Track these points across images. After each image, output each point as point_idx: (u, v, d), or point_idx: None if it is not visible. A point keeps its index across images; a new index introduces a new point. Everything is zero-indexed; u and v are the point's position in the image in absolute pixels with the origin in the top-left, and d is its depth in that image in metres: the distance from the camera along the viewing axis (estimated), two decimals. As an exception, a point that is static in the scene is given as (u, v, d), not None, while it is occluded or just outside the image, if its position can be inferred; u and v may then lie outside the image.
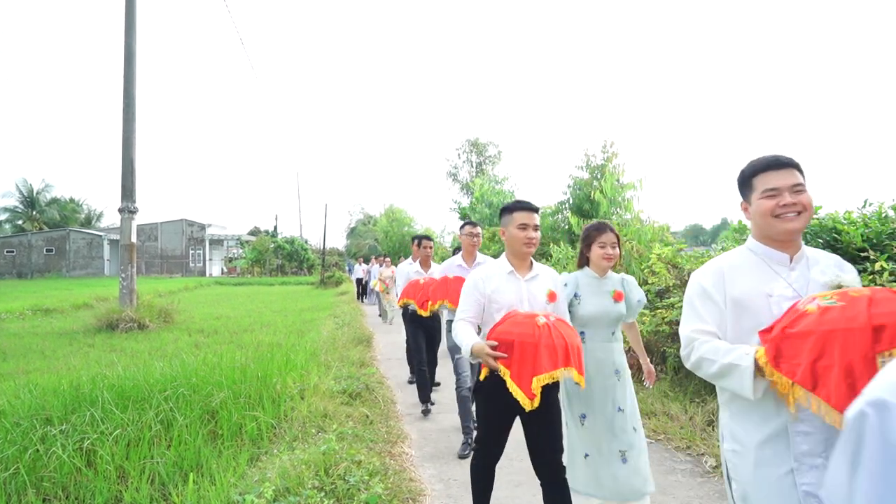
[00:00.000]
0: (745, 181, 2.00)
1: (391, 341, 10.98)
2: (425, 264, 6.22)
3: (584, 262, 3.39)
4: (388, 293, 13.41)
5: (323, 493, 3.36)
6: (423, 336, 6.03)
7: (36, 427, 4.13)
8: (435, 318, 6.02)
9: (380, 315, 15.28)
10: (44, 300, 17.99)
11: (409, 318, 6.10)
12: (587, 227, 3.40)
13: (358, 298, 22.06)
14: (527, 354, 2.51)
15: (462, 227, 5.25)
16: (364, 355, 8.73)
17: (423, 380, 5.91)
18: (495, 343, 2.57)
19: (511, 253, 2.98)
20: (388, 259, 17.49)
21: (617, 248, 3.27)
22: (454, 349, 4.83)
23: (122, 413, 4.41)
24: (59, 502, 3.40)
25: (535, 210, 2.98)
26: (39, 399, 4.80)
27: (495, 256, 11.71)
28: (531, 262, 3.02)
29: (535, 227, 2.94)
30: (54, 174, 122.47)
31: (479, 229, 5.11)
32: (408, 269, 6.46)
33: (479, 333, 2.93)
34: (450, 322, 4.66)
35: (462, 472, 4.25)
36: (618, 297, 3.29)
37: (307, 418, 4.84)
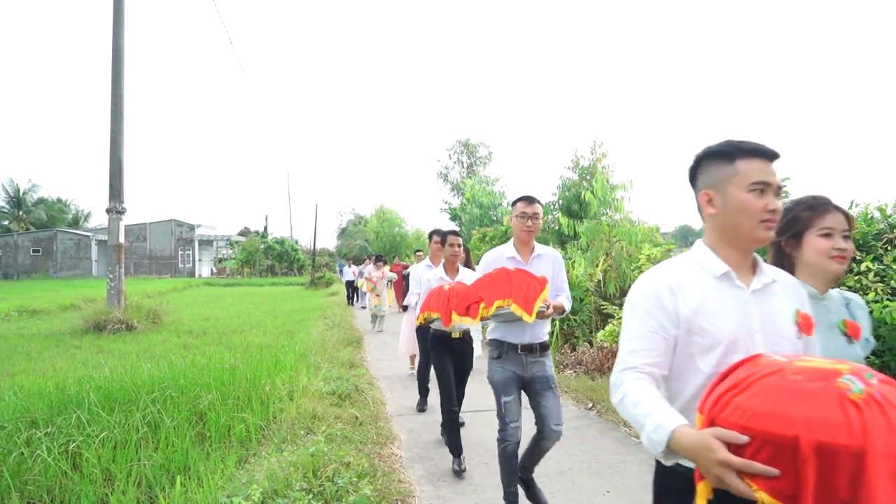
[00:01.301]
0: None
1: (382, 342, 10.95)
2: (451, 268, 4.91)
3: (784, 263, 1.92)
4: (377, 294, 12.43)
5: (311, 495, 3.34)
6: (452, 362, 4.53)
7: (21, 430, 4.09)
8: (467, 338, 4.66)
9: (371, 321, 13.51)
10: (30, 301, 17.81)
11: (434, 338, 4.58)
12: (796, 204, 1.94)
13: (349, 302, 20.50)
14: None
15: (447, 234, 4.88)
16: (354, 356, 8.70)
17: (455, 425, 4.37)
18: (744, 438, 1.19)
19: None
20: (374, 259, 14.38)
21: (851, 242, 1.87)
22: (499, 386, 3.42)
23: (109, 415, 4.37)
24: (43, 506, 3.35)
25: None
26: (24, 401, 4.75)
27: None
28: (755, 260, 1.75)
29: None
30: (41, 174, 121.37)
31: (459, 239, 4.80)
32: (427, 275, 5.16)
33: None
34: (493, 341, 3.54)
35: (450, 473, 4.24)
36: (853, 332, 1.89)
37: (296, 420, 4.82)
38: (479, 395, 6.13)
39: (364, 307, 18.13)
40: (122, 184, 12.14)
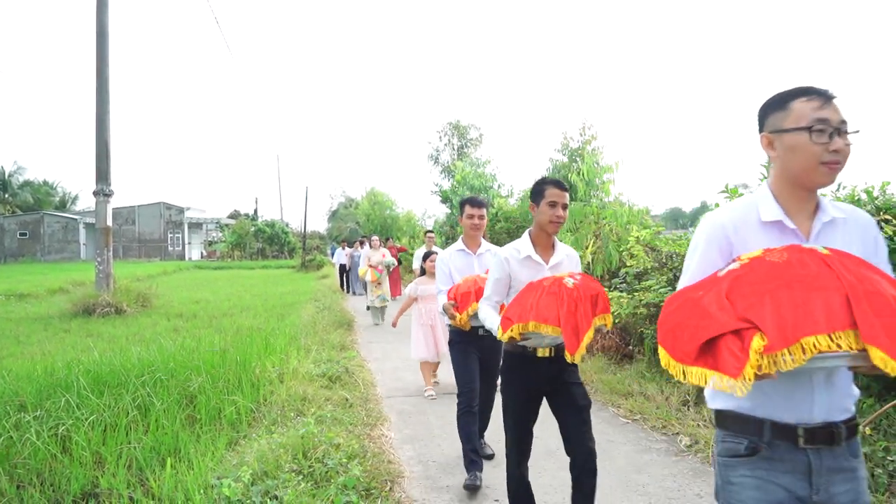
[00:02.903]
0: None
1: (375, 324, 10.97)
2: (472, 242, 4.10)
3: None
4: (380, 284, 11.19)
5: (301, 476, 3.37)
6: (477, 359, 3.92)
7: (9, 413, 4.08)
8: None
9: (368, 308, 12.15)
10: (17, 285, 17.67)
11: (455, 332, 3.91)
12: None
13: (347, 290, 18.84)
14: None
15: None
16: (345, 339, 8.74)
17: (471, 426, 3.80)
18: None
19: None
20: (374, 239, 12.69)
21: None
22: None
23: (99, 398, 4.37)
24: (33, 489, 3.36)
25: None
26: (13, 385, 4.73)
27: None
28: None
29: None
30: (27, 156, 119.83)
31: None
32: (460, 262, 4.05)
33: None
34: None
35: (441, 454, 4.29)
36: None
37: (286, 402, 4.84)
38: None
39: (357, 293, 17.08)
40: (108, 166, 12.00)
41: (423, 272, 6.32)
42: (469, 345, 3.88)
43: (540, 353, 2.75)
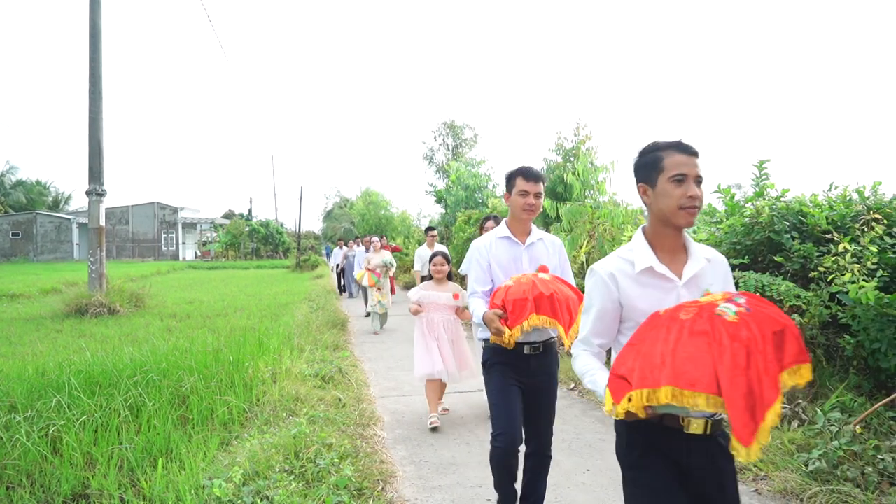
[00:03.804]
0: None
1: (368, 327, 10.96)
2: (521, 227, 3.08)
3: None
4: (380, 289, 10.28)
5: (292, 477, 3.36)
6: (520, 391, 2.93)
7: (-1, 414, 4.06)
8: (548, 355, 3.01)
9: (367, 315, 11.52)
10: (10, 285, 17.57)
11: (492, 350, 2.96)
12: None
13: (348, 293, 17.43)
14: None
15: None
16: (338, 339, 8.73)
17: (508, 482, 2.94)
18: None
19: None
20: (375, 240, 11.32)
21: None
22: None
23: (90, 399, 4.36)
24: (23, 490, 3.34)
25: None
26: (3, 386, 4.72)
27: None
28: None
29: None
30: (20, 156, 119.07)
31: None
32: (503, 253, 3.06)
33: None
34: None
35: (433, 453, 4.29)
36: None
37: (279, 402, 4.83)
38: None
39: (353, 295, 16.10)
40: (101, 166, 11.95)
41: (429, 276, 5.47)
42: (509, 368, 2.90)
43: (692, 429, 1.71)
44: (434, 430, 4.80)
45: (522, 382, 2.93)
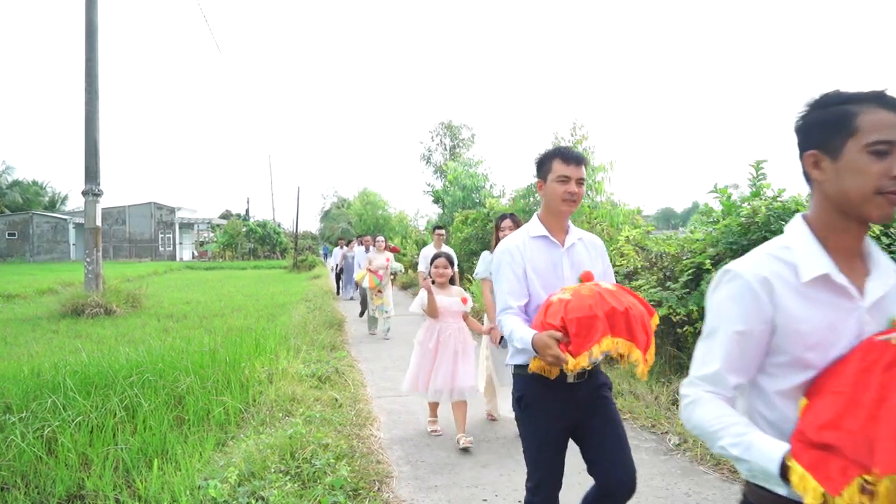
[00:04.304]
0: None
1: (365, 329, 10.95)
2: (559, 223, 2.46)
3: None
4: (380, 292, 9.64)
5: (288, 477, 3.36)
6: (566, 434, 2.38)
7: (-6, 415, 4.04)
8: (597, 377, 2.39)
9: (361, 314, 11.41)
10: (6, 286, 17.51)
11: (528, 382, 2.32)
12: None
13: (337, 292, 17.22)
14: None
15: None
16: (335, 339, 8.72)
17: None
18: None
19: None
20: (380, 240, 10.42)
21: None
22: None
23: (86, 399, 4.35)
24: (17, 491, 3.33)
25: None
26: (-1, 386, 4.69)
27: (468, 240, 10.90)
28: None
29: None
30: (16, 156, 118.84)
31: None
32: (539, 256, 2.42)
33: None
34: None
35: (430, 454, 4.28)
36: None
37: (275, 402, 4.82)
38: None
39: (351, 298, 15.19)
40: (98, 165, 11.92)
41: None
42: (553, 404, 2.28)
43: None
44: (437, 436, 4.56)
45: (571, 419, 2.31)
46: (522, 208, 12.26)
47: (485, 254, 4.69)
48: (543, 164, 2.40)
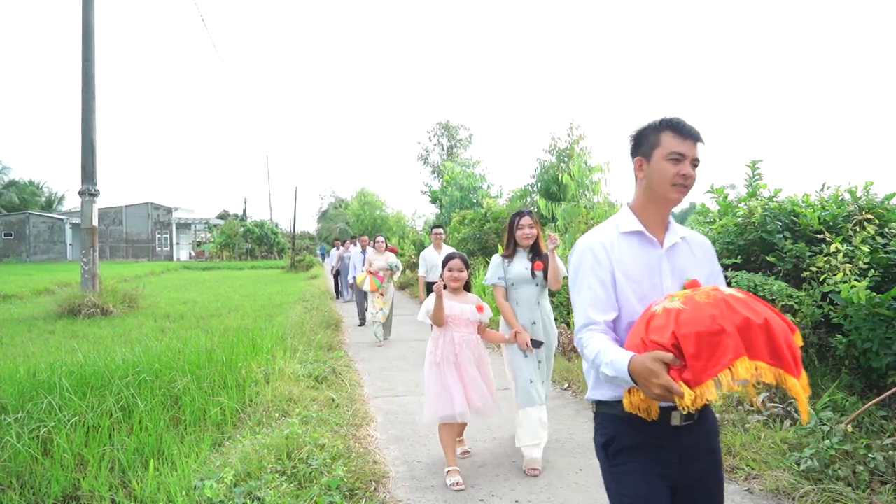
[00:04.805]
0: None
1: (363, 332, 10.93)
2: (659, 217, 1.91)
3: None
4: (382, 294, 9.02)
5: (284, 477, 3.35)
6: (668, 490, 1.75)
7: (-11, 416, 4.03)
8: (706, 423, 1.82)
9: (361, 323, 10.72)
10: (2, 286, 17.44)
11: (623, 427, 1.78)
12: None
13: (336, 294, 16.82)
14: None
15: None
16: (332, 339, 8.71)
17: None
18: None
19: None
20: (379, 240, 9.50)
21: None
22: None
23: (81, 400, 4.33)
24: (12, 492, 3.32)
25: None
26: (-6, 387, 4.68)
27: (465, 240, 10.90)
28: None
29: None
30: (12, 156, 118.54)
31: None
32: (631, 256, 1.87)
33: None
34: None
35: (426, 454, 4.28)
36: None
37: (271, 403, 4.82)
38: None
39: (347, 300, 14.99)
40: (94, 165, 11.90)
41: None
42: (649, 454, 1.75)
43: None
44: (458, 490, 3.64)
45: (670, 477, 1.73)
46: (520, 209, 12.28)
47: (495, 258, 4.23)
48: (647, 137, 1.86)
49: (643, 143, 1.88)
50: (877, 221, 4.93)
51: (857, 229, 4.89)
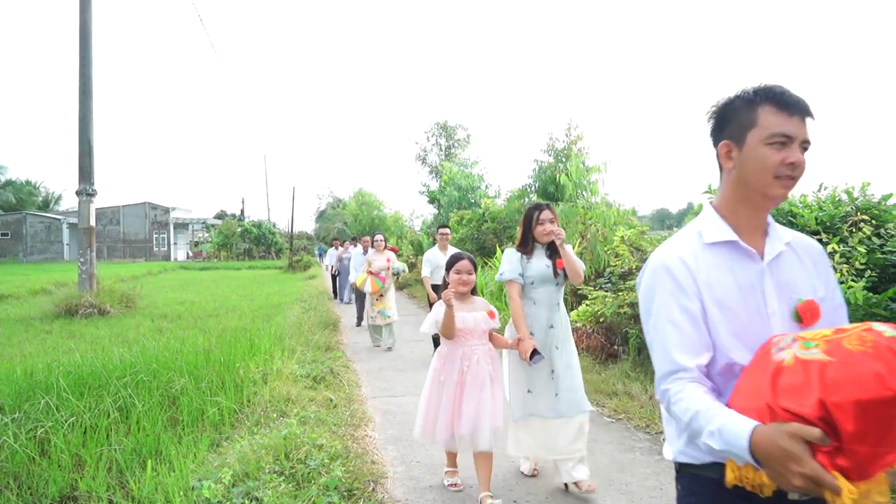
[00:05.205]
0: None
1: (376, 346, 10.92)
2: (755, 220, 1.47)
3: None
4: (382, 296, 8.62)
5: (282, 478, 3.35)
6: None
7: (-14, 416, 4.02)
8: None
9: (358, 323, 10.69)
10: (-1, 286, 17.43)
11: (718, 499, 1.36)
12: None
13: (334, 295, 16.56)
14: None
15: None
16: (330, 339, 8.71)
17: None
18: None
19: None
20: (379, 239, 9.16)
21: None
22: None
23: (79, 400, 4.32)
24: (10, 493, 3.31)
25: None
26: (-10, 387, 4.67)
27: (463, 240, 10.91)
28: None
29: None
30: (9, 156, 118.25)
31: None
32: (722, 276, 1.43)
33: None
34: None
35: (425, 454, 4.28)
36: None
37: (269, 403, 4.81)
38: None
39: (345, 301, 14.72)
40: (91, 165, 11.88)
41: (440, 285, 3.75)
42: None
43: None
44: (456, 491, 3.60)
45: None
46: (518, 209, 12.28)
47: (511, 252, 3.77)
48: (737, 114, 1.41)
49: (732, 121, 1.43)
50: (873, 222, 4.94)
51: (854, 230, 4.90)
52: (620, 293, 6.41)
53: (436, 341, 3.97)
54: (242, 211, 59.24)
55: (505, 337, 3.71)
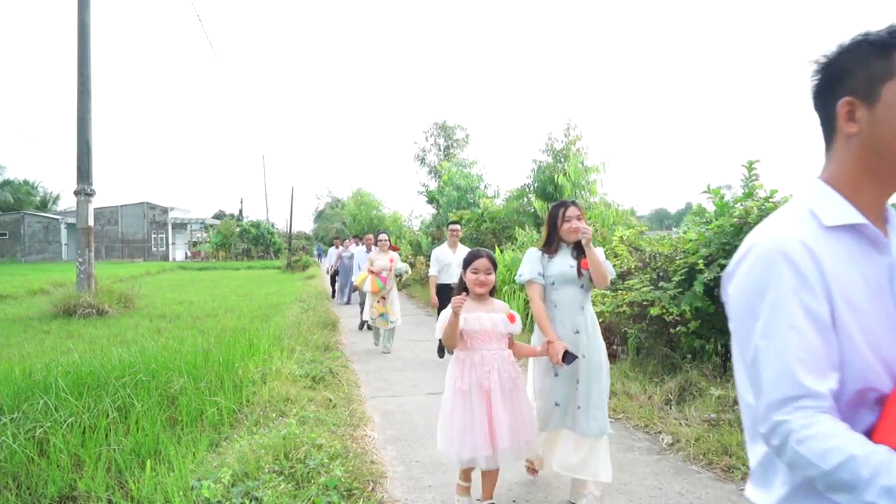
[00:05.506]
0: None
1: (376, 346, 10.91)
2: (874, 201, 1.13)
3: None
4: (384, 298, 8.29)
5: (281, 477, 3.35)
6: None
7: (-16, 416, 4.01)
8: None
9: (361, 326, 10.34)
10: (-3, 286, 17.40)
11: None
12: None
13: (332, 295, 16.33)
14: None
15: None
16: (329, 339, 8.70)
17: None
18: None
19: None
20: (382, 238, 8.80)
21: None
22: None
23: (78, 400, 4.32)
24: (9, 493, 3.31)
25: None
26: (-11, 387, 4.66)
27: (462, 240, 11.22)
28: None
29: None
30: (7, 156, 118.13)
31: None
32: (849, 269, 1.06)
33: None
34: None
35: (424, 454, 4.28)
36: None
37: (268, 403, 4.81)
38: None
39: (347, 302, 14.42)
40: (90, 165, 11.86)
41: (462, 287, 3.33)
42: None
43: None
44: None
45: None
46: (517, 209, 12.30)
47: (533, 251, 3.56)
48: (866, 63, 1.07)
49: (854, 74, 1.08)
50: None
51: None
52: (619, 293, 6.41)
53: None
54: (241, 211, 59.22)
55: (531, 344, 3.51)
